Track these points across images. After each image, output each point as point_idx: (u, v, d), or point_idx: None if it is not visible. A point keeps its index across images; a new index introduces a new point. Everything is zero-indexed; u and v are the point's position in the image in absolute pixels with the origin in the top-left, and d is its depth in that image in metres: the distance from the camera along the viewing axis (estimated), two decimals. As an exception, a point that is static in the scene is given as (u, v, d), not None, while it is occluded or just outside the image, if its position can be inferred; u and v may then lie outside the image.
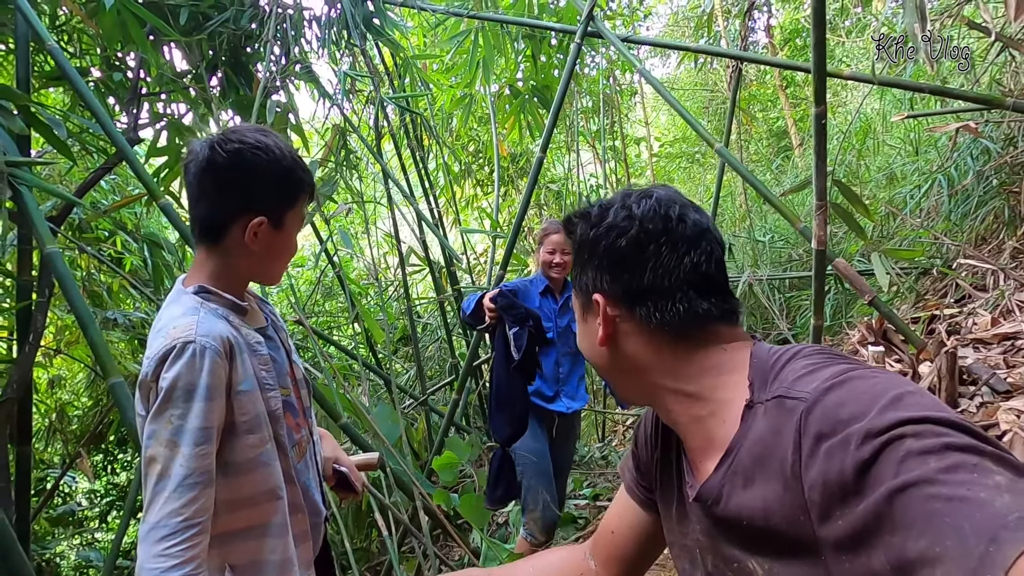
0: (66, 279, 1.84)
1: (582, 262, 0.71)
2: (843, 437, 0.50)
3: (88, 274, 3.82)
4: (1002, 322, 2.29)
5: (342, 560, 2.78)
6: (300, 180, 1.01)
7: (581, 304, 0.73)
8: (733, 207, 6.38)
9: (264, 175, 0.96)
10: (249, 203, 0.96)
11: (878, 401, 0.50)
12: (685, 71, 9.17)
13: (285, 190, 0.99)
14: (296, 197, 1.01)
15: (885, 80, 2.15)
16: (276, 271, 1.05)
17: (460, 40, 3.89)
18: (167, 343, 0.87)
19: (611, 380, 0.74)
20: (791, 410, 0.55)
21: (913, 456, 0.45)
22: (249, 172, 0.96)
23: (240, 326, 0.97)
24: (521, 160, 6.22)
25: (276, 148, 0.98)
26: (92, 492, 5.36)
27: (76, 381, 5.40)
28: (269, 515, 0.93)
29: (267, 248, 0.99)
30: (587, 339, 0.72)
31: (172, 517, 0.80)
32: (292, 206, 1.00)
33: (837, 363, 0.59)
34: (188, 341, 0.86)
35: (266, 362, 0.98)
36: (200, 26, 2.85)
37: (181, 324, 0.89)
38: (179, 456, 0.83)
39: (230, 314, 0.97)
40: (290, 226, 1.02)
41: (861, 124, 4.96)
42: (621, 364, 0.70)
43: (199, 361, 0.86)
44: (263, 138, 0.97)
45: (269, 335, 1.05)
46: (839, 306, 3.67)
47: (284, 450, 0.98)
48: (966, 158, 3.20)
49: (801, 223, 2.17)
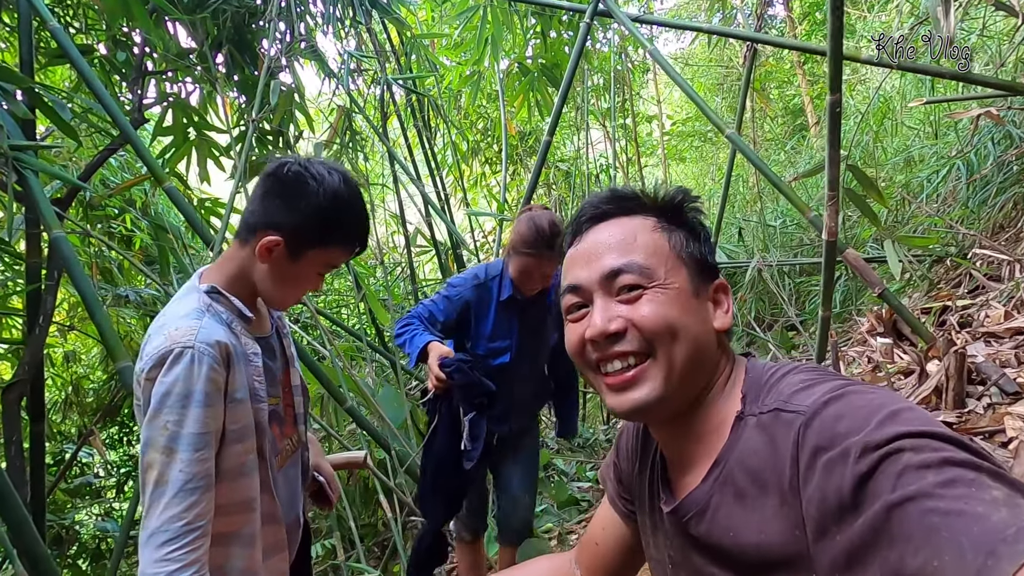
0: (72, 263, 1.85)
1: (700, 240, 0.68)
2: (842, 450, 0.49)
3: (99, 251, 3.85)
4: (1015, 315, 2.25)
5: (349, 535, 2.85)
6: (341, 230, 0.98)
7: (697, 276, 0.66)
8: (745, 189, 6.28)
9: (303, 203, 0.94)
10: (276, 219, 0.95)
11: (876, 415, 0.50)
12: (700, 47, 8.92)
13: (317, 227, 0.96)
14: (326, 241, 0.97)
15: (905, 65, 2.07)
16: (283, 297, 1.02)
17: (468, 16, 3.81)
18: (166, 345, 0.87)
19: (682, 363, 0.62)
20: (789, 423, 0.55)
21: (911, 470, 0.45)
22: (292, 194, 0.95)
23: (241, 334, 0.96)
24: (530, 139, 6.14)
25: (334, 188, 0.95)
26: (109, 463, 5.51)
27: (91, 355, 5.50)
28: (239, 525, 0.93)
29: (277, 270, 0.98)
30: (694, 317, 0.64)
31: (173, 522, 0.81)
32: (318, 246, 0.97)
33: (833, 379, 0.59)
34: (187, 346, 0.86)
35: (260, 373, 0.97)
36: (203, 3, 2.80)
37: (183, 327, 0.89)
38: (177, 462, 0.83)
39: (234, 320, 0.97)
40: (308, 262, 0.98)
41: (880, 104, 4.82)
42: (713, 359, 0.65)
43: (196, 368, 0.85)
44: (329, 175, 0.96)
45: (270, 344, 1.05)
46: (849, 293, 3.63)
47: (265, 460, 0.98)
48: (987, 143, 3.11)
49: (812, 212, 2.13)
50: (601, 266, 0.64)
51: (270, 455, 0.99)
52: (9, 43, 3.24)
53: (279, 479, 1.03)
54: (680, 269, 0.64)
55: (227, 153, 3.05)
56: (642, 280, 0.63)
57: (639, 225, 0.66)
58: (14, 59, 2.91)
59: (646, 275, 0.63)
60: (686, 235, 0.67)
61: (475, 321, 1.86)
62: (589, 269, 0.65)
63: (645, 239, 0.65)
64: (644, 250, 0.64)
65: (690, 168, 9.56)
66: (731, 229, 4.78)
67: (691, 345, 0.62)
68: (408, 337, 1.77)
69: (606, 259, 0.64)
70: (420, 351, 1.70)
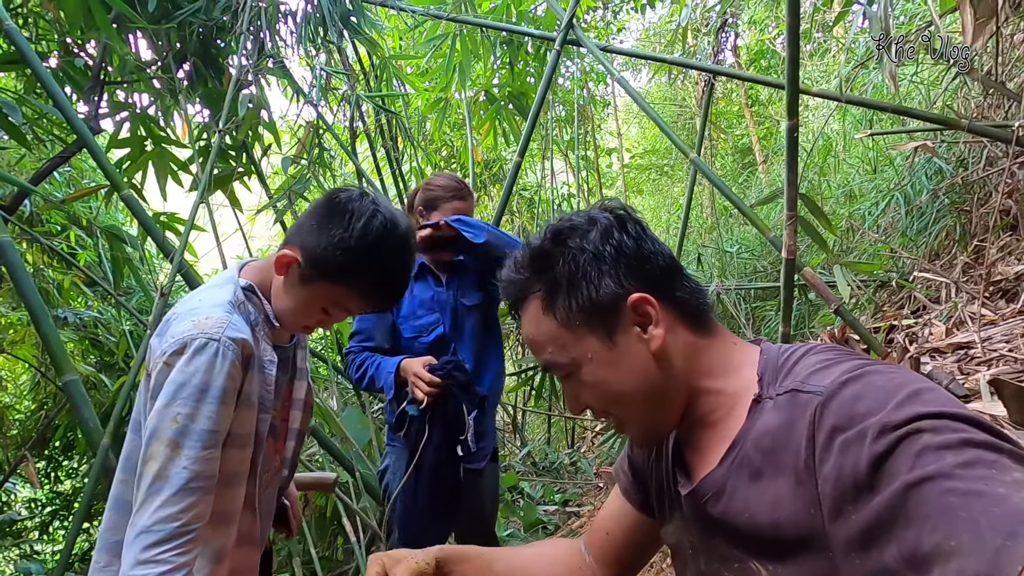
0: (18, 270, 1.74)
1: (587, 277, 0.63)
2: (859, 430, 0.49)
3: (37, 269, 3.63)
4: (955, 332, 2.40)
5: (308, 568, 2.69)
6: (357, 275, 0.90)
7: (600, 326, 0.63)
8: (702, 218, 6.54)
9: (332, 231, 0.89)
10: (303, 237, 0.92)
11: (895, 396, 0.50)
12: (656, 86, 9.38)
13: (334, 261, 0.89)
14: (338, 278, 0.90)
15: (850, 98, 2.24)
16: (285, 316, 0.95)
17: (437, 44, 3.88)
18: (192, 332, 0.82)
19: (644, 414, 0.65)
20: (805, 403, 0.55)
21: (930, 451, 0.45)
22: (328, 218, 0.90)
23: (262, 339, 0.93)
24: (495, 166, 6.23)
25: (369, 230, 0.88)
26: (32, 501, 5.06)
27: (20, 383, 5.11)
28: (209, 536, 0.87)
29: (288, 288, 0.93)
30: (626, 365, 0.63)
31: (169, 522, 0.75)
32: (328, 279, 0.90)
33: (852, 359, 0.59)
34: (213, 338, 0.82)
35: (271, 383, 0.94)
36: (169, 15, 2.76)
37: (214, 317, 0.85)
38: (181, 458, 0.78)
39: (260, 324, 0.93)
40: (316, 293, 0.92)
41: (823, 143, 5.16)
42: (665, 380, 0.64)
43: (220, 362, 0.82)
44: (373, 217, 0.89)
45: (287, 355, 1.01)
46: (802, 316, 3.79)
47: (255, 475, 0.93)
48: (921, 177, 3.37)
49: (772, 232, 2.24)
50: (538, 362, 0.71)
51: (260, 470, 0.94)
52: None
53: (263, 499, 0.97)
54: (583, 337, 0.64)
55: (187, 168, 2.97)
56: (566, 370, 0.66)
57: (533, 314, 0.66)
58: (-41, 62, 2.77)
59: (564, 365, 0.65)
60: (566, 292, 0.64)
61: (396, 310, 1.73)
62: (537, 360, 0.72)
63: (543, 331, 0.66)
64: (548, 342, 0.66)
65: (648, 200, 9.91)
66: (690, 256, 4.95)
67: (638, 398, 0.64)
68: (372, 371, 1.65)
69: (536, 356, 0.69)
70: (395, 375, 1.59)
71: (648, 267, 0.64)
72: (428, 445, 1.54)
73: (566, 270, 0.64)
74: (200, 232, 3.01)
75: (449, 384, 1.53)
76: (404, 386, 1.58)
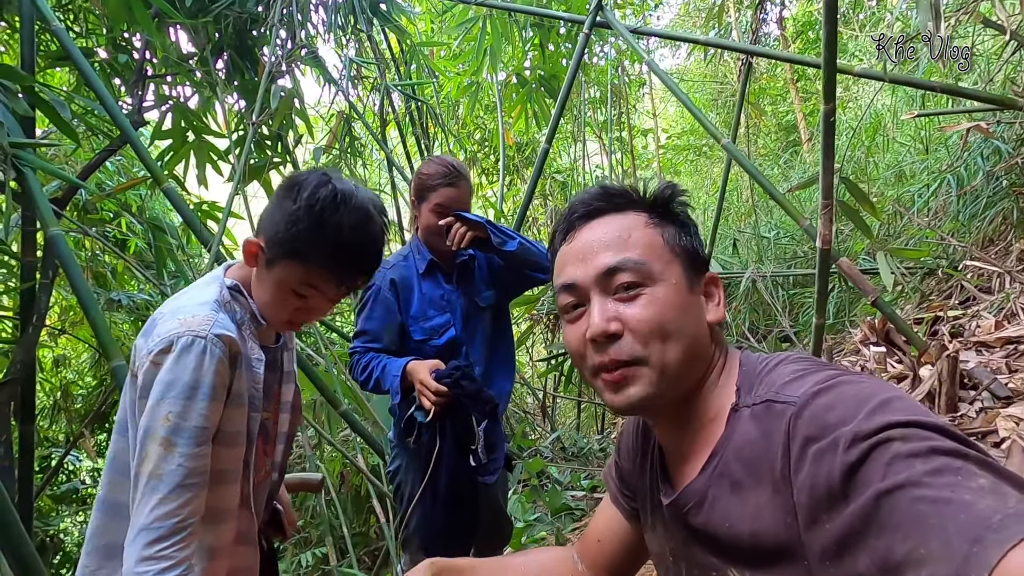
0: (68, 261, 1.84)
1: (692, 233, 0.68)
2: (831, 440, 0.50)
3: (93, 255, 3.83)
4: (1006, 325, 2.27)
5: (340, 544, 2.81)
6: (313, 247, 0.86)
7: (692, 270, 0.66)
8: (739, 202, 6.34)
9: (284, 208, 0.88)
10: (263, 223, 0.91)
11: (865, 405, 0.51)
12: (695, 62, 9.06)
13: (288, 236, 0.87)
14: (295, 254, 0.87)
15: (896, 78, 2.12)
16: (266, 309, 0.93)
17: (468, 27, 3.85)
18: (179, 330, 0.83)
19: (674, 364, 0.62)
20: (780, 414, 0.56)
21: (900, 459, 0.46)
22: (280, 198, 0.90)
23: (249, 338, 0.93)
24: (527, 149, 6.18)
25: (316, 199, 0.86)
26: (96, 471, 5.43)
27: (81, 361, 5.44)
28: (201, 533, 0.86)
29: (260, 278, 0.92)
30: (692, 314, 0.64)
31: (167, 519, 0.78)
32: (287, 257, 0.88)
33: (824, 369, 0.60)
34: (200, 336, 0.82)
35: (258, 381, 0.93)
36: (206, 8, 2.83)
37: (200, 316, 0.85)
38: (175, 456, 0.80)
39: (247, 323, 0.93)
40: (282, 275, 0.89)
41: (871, 120, 4.90)
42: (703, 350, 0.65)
43: (208, 359, 0.82)
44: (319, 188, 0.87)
45: (274, 355, 1.00)
46: (842, 304, 3.66)
47: (247, 474, 0.93)
48: (976, 158, 3.17)
49: (806, 220, 2.15)
50: (596, 264, 0.64)
51: (252, 469, 0.94)
52: (8, 46, 3.25)
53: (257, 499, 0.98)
54: (674, 264, 0.64)
55: (226, 157, 3.06)
56: (638, 278, 0.63)
57: (632, 222, 0.66)
58: (13, 61, 2.92)
59: (642, 272, 0.63)
60: (677, 229, 0.67)
61: (403, 309, 1.64)
62: (584, 267, 0.65)
63: (639, 235, 0.65)
64: (639, 246, 0.64)
65: (685, 181, 9.66)
66: (726, 241, 4.82)
67: (685, 343, 0.62)
68: (378, 373, 1.54)
69: (601, 257, 0.64)
70: (400, 378, 1.49)
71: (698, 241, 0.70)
72: (440, 456, 1.46)
73: (680, 213, 0.69)
74: (238, 220, 3.11)
75: (457, 393, 1.43)
76: (411, 390, 1.49)
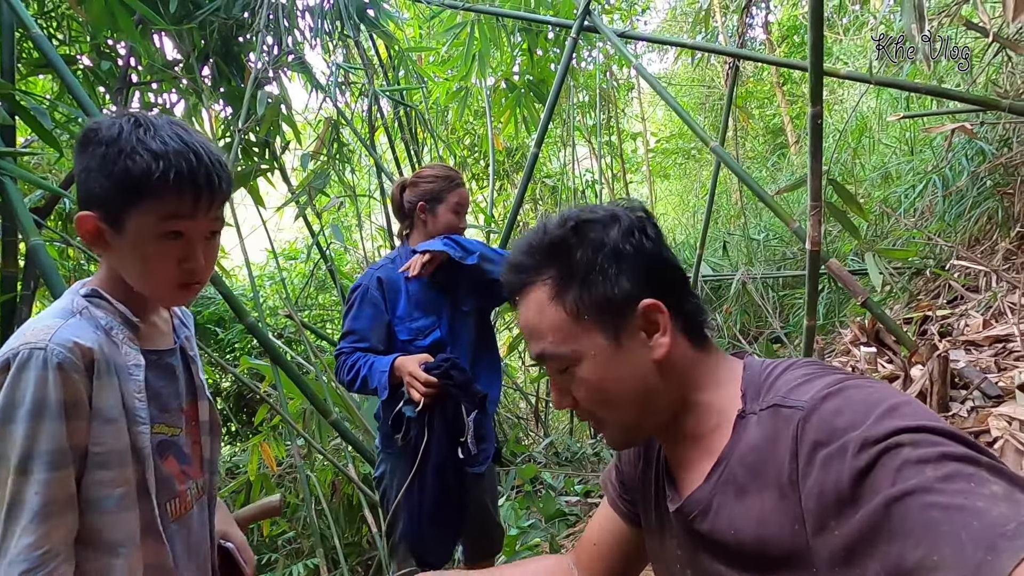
0: (50, 272, 1.81)
1: (604, 273, 0.62)
2: (840, 445, 0.49)
3: (76, 265, 3.78)
4: (994, 324, 2.29)
5: (332, 555, 2.77)
6: (144, 176, 0.75)
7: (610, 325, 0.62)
8: (728, 204, 6.38)
9: (91, 160, 0.77)
10: (81, 192, 0.79)
11: (875, 410, 0.50)
12: (682, 66, 9.14)
13: (113, 182, 0.76)
14: (133, 194, 0.76)
15: (882, 80, 2.14)
16: (145, 283, 0.81)
17: (456, 32, 3.85)
18: (15, 346, 0.73)
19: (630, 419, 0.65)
20: (787, 418, 0.55)
21: (910, 465, 0.45)
22: (81, 155, 0.79)
23: (123, 343, 0.82)
24: (517, 154, 6.19)
25: (115, 129, 0.76)
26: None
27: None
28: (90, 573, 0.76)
29: (117, 252, 0.80)
30: (627, 368, 0.62)
31: (32, 550, 0.70)
32: (129, 205, 0.77)
33: (832, 373, 0.59)
34: (37, 347, 0.72)
35: (140, 389, 0.81)
36: (191, 15, 2.80)
37: (40, 326, 0.75)
38: (32, 483, 0.71)
39: (116, 327, 0.82)
40: (137, 230, 0.77)
41: (857, 122, 4.96)
42: (660, 389, 0.63)
43: (50, 372, 0.72)
44: (114, 120, 0.77)
45: (166, 362, 0.89)
46: (832, 305, 3.68)
47: (148, 498, 0.81)
48: (961, 159, 3.20)
49: (795, 223, 2.16)
50: (532, 351, 0.67)
51: (158, 494, 0.82)
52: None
53: (175, 529, 0.86)
54: (589, 332, 0.62)
55: (212, 164, 3.03)
56: (562, 364, 0.64)
57: (540, 297, 0.64)
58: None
59: (562, 359, 0.64)
60: (581, 286, 0.62)
61: (390, 309, 1.65)
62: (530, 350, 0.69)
63: (549, 317, 0.63)
64: (550, 331, 0.63)
65: (674, 184, 9.71)
66: (716, 243, 4.85)
67: (631, 398, 0.63)
68: (365, 372, 1.55)
69: (532, 345, 0.67)
70: (388, 373, 1.49)
71: (665, 275, 0.64)
72: (428, 449, 1.45)
73: (584, 260, 0.62)
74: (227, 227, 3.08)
75: (447, 384, 1.44)
76: (399, 386, 1.49)
